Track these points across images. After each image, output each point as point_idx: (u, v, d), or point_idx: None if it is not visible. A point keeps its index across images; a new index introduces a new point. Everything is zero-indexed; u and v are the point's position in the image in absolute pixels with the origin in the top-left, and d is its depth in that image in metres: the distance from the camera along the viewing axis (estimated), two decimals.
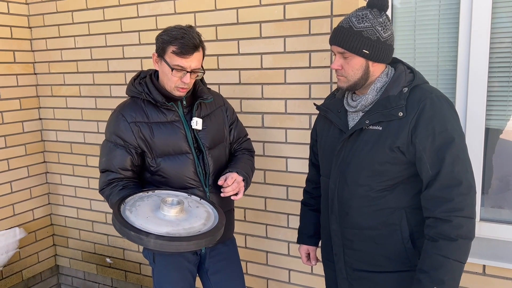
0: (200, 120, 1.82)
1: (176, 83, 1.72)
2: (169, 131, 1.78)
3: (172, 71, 1.68)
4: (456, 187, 1.40)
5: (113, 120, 1.80)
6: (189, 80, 1.71)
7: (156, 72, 1.83)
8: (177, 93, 1.76)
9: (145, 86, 1.78)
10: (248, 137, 2.12)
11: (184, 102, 1.83)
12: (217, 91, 2.45)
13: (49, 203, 3.41)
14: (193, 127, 1.81)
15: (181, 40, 1.65)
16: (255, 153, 2.16)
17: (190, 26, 1.72)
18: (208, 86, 2.03)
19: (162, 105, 1.77)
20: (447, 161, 1.40)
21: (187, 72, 1.69)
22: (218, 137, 1.90)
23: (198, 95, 1.85)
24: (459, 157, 1.41)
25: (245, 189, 1.85)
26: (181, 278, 1.93)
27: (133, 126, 1.76)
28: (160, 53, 1.71)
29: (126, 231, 1.48)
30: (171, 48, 1.66)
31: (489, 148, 2.17)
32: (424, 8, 2.17)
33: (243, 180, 1.82)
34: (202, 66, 1.75)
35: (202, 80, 1.91)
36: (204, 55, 1.75)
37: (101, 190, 1.83)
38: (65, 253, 3.45)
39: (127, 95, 1.86)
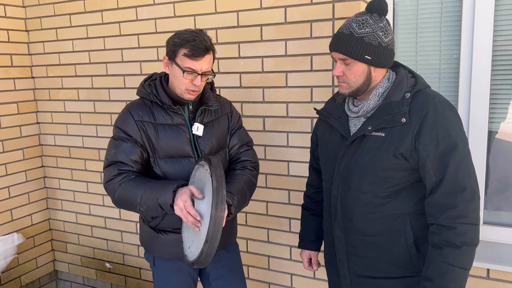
0: (201, 126, 1.81)
1: (187, 85, 1.72)
2: (174, 133, 1.78)
3: (183, 73, 1.69)
4: (460, 193, 1.39)
5: (121, 117, 1.81)
6: (199, 83, 1.72)
7: (166, 75, 1.83)
8: (187, 96, 1.75)
9: (153, 88, 1.79)
10: (249, 146, 1.98)
11: (191, 107, 1.82)
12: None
13: (47, 208, 3.38)
14: (193, 132, 1.80)
15: (193, 42, 1.65)
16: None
17: (201, 30, 1.73)
18: None
19: (169, 108, 1.77)
20: (451, 167, 1.39)
21: (198, 74, 1.70)
22: (218, 143, 1.88)
23: (204, 102, 1.84)
24: (463, 163, 1.40)
25: (236, 211, 1.75)
26: (181, 281, 1.92)
27: (139, 124, 1.77)
28: (171, 56, 1.71)
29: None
30: (183, 51, 1.67)
31: (491, 150, 2.16)
32: (426, 10, 2.15)
33: (230, 205, 1.69)
34: (212, 69, 1.76)
35: (212, 87, 1.91)
36: (214, 58, 1.76)
37: (107, 182, 1.74)
38: (64, 258, 3.42)
39: (137, 96, 1.85)
